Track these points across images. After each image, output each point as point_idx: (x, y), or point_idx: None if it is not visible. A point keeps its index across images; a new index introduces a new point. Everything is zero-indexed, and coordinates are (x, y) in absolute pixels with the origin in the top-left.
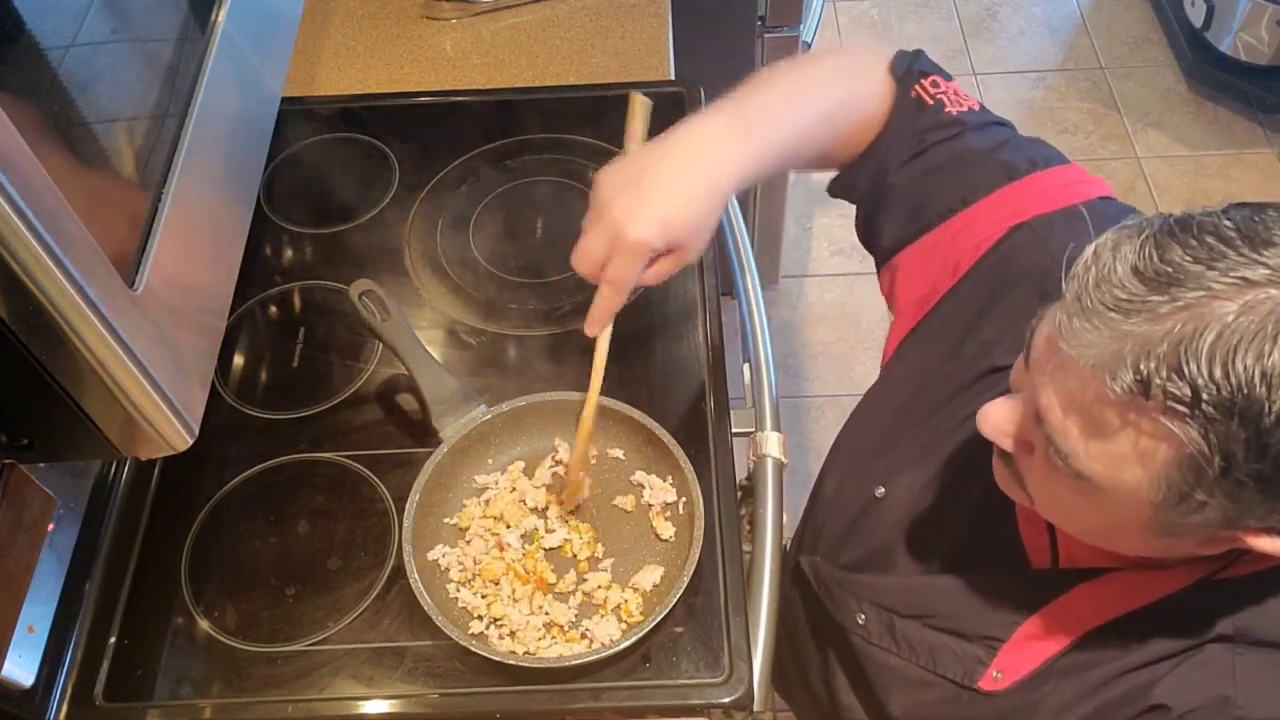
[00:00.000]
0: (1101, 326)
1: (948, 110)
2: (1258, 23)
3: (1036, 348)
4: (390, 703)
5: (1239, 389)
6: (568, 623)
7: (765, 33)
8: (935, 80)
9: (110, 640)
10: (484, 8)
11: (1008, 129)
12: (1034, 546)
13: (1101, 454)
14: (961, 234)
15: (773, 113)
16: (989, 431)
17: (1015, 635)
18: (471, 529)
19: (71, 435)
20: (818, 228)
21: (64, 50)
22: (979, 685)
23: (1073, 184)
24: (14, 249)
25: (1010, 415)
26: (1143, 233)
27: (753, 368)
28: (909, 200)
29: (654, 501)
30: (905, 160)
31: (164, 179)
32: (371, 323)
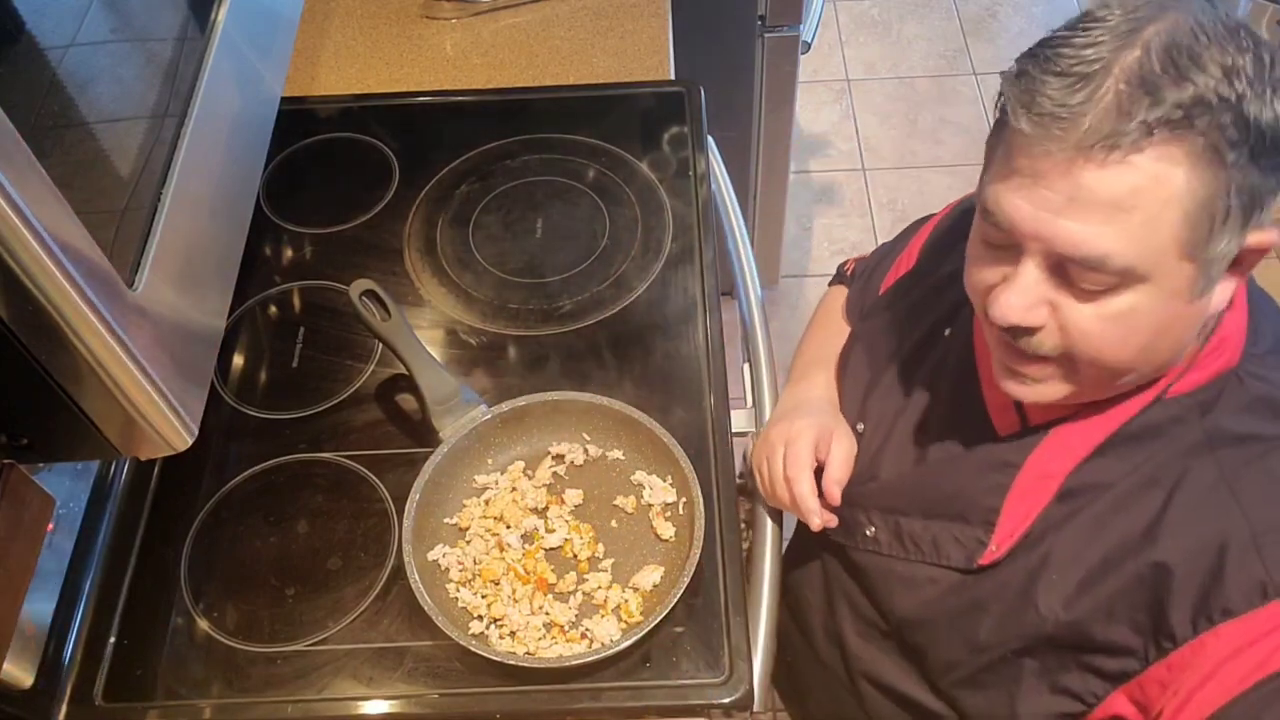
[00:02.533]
0: (1074, 114)
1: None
2: (1258, 23)
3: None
4: (390, 703)
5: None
6: (568, 623)
7: (765, 33)
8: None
9: (110, 640)
10: (484, 8)
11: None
12: (1002, 420)
13: (1133, 228)
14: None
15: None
16: (1017, 316)
17: (1008, 500)
18: (471, 529)
19: (71, 435)
20: (818, 228)
21: (64, 50)
22: (979, 564)
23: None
24: (14, 249)
25: (1022, 289)
26: (1049, 39)
27: (753, 368)
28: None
29: (654, 501)
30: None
31: (164, 179)
32: (371, 323)
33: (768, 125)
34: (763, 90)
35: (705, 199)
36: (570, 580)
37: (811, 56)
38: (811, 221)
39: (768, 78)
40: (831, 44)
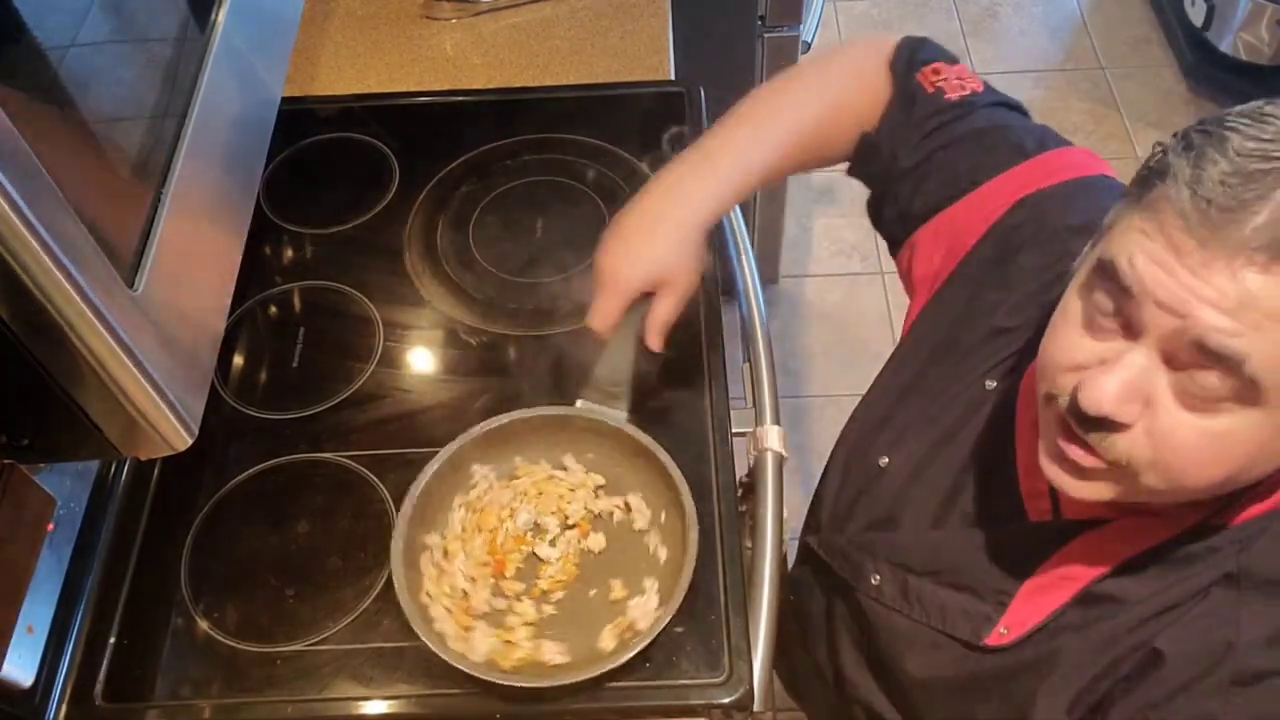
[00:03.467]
0: (1250, 200)
1: (948, 96)
2: (1258, 23)
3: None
4: (390, 703)
5: None
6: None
7: (765, 33)
8: (936, 68)
9: (110, 640)
10: (484, 8)
11: (1015, 112)
12: (1034, 506)
13: (1273, 341)
14: (969, 211)
15: (743, 139)
16: (1110, 408)
17: (1023, 589)
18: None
19: (71, 435)
20: (818, 228)
21: (64, 50)
22: (986, 642)
23: (1079, 162)
24: (14, 249)
25: (1126, 379)
26: (1226, 116)
27: (753, 368)
28: (919, 184)
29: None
30: (912, 146)
31: (164, 179)
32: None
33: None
34: None
35: None
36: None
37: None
38: (811, 221)
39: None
40: (831, 44)
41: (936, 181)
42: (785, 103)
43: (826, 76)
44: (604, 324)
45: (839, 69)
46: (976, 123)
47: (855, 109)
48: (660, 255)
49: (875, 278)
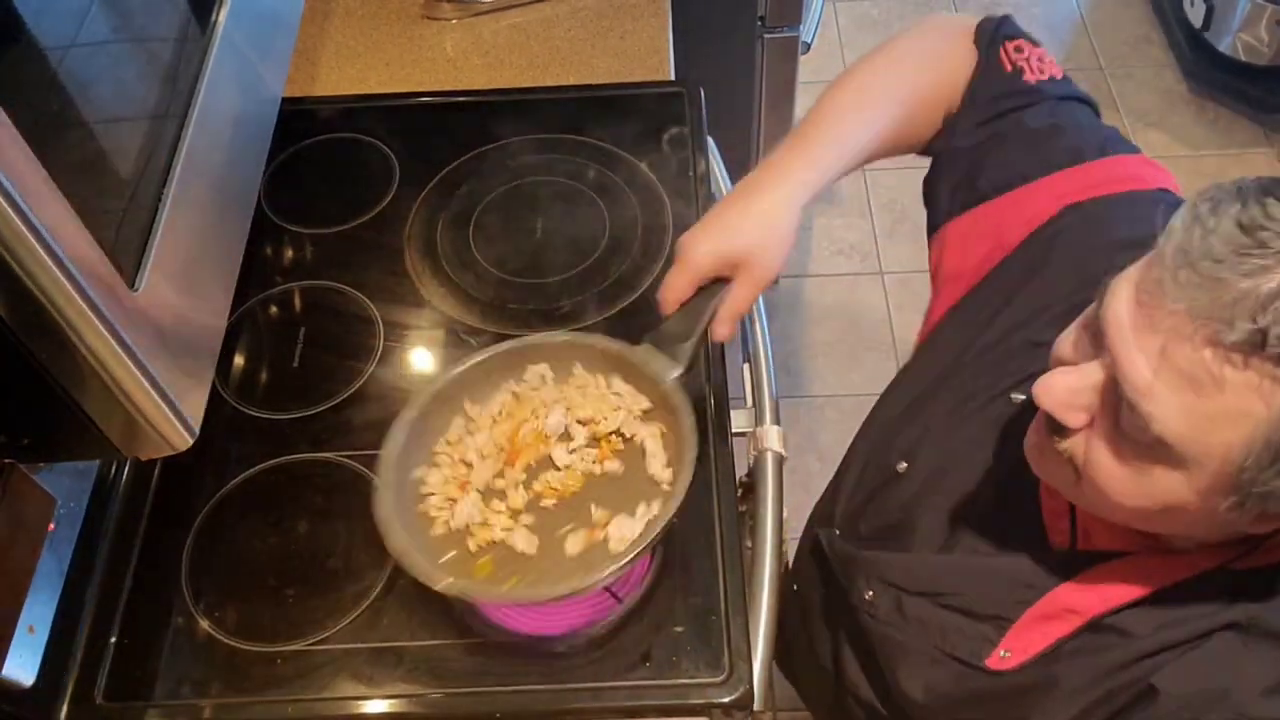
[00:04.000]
0: (1209, 278)
1: (1026, 78)
2: (1257, 23)
3: (1113, 310)
4: (390, 703)
5: None
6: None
7: (765, 33)
8: (1019, 45)
9: (110, 640)
10: (484, 8)
11: (1085, 107)
12: (1054, 525)
13: (1192, 413)
14: (1014, 209)
15: (836, 122)
16: (1051, 404)
17: (1025, 615)
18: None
19: (71, 435)
20: (818, 228)
21: (64, 50)
22: (986, 664)
23: (1136, 173)
24: (14, 249)
25: (1075, 386)
26: (1241, 191)
27: (753, 367)
28: (971, 166)
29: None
30: (975, 125)
31: (164, 179)
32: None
33: (768, 126)
34: (763, 91)
35: (705, 199)
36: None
37: (811, 57)
38: (811, 221)
39: (768, 78)
40: (831, 44)
41: (990, 169)
42: (876, 87)
43: (914, 59)
44: (668, 298)
45: (925, 50)
46: (1042, 116)
47: (942, 91)
48: (742, 236)
49: (875, 278)
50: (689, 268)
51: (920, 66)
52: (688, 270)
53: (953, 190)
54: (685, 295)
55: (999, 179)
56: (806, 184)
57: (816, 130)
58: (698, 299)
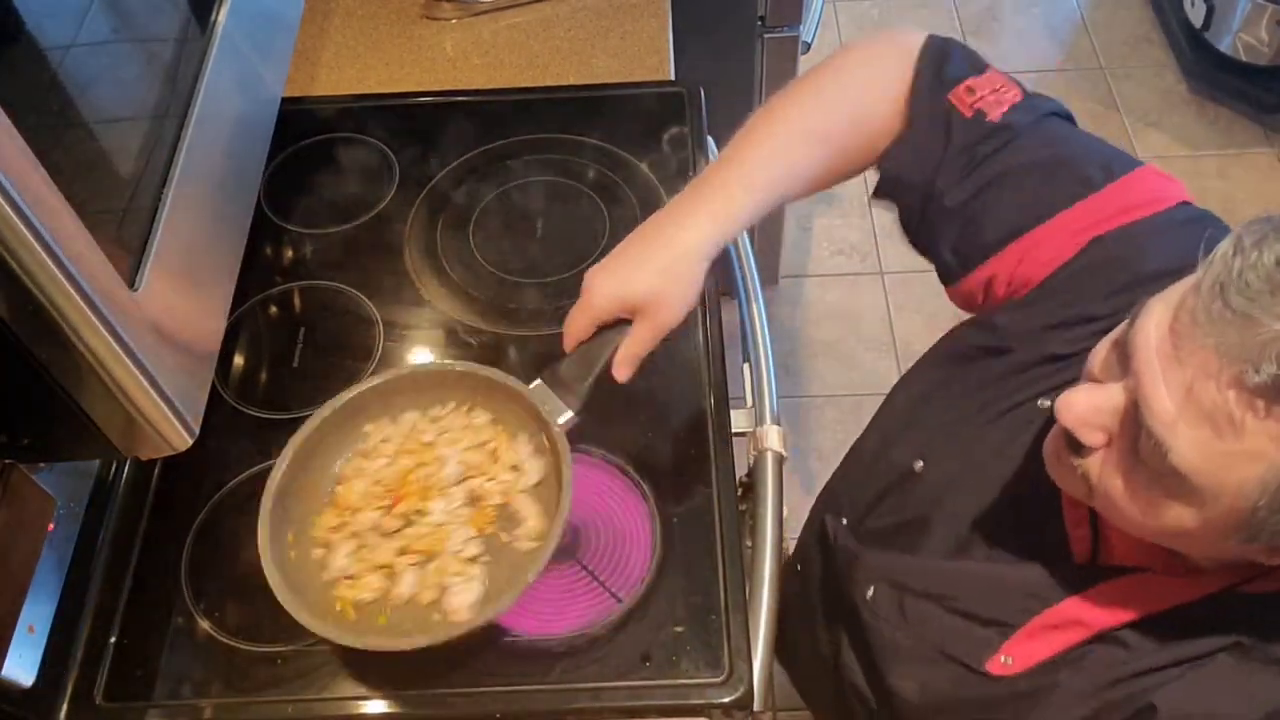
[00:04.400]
0: (1242, 316)
1: (989, 117)
2: (1257, 23)
3: (1144, 334)
4: (390, 703)
5: None
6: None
7: (765, 33)
8: (970, 86)
9: (110, 640)
10: (484, 8)
11: (1062, 120)
12: (1075, 535)
13: (1210, 450)
14: (1032, 254)
15: (753, 158)
16: (1071, 422)
17: (1031, 623)
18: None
19: (71, 435)
20: (818, 228)
21: (64, 50)
22: (986, 668)
23: (1153, 193)
24: (14, 249)
25: (1098, 405)
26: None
27: (753, 367)
28: (968, 223)
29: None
30: (958, 180)
31: (164, 179)
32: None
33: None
34: (763, 91)
35: None
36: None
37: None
38: (811, 221)
39: (768, 78)
40: (831, 44)
41: (994, 219)
42: (797, 117)
43: (841, 86)
44: (568, 336)
45: (855, 77)
46: (1029, 150)
47: (875, 123)
48: (642, 281)
49: (875, 278)
50: (589, 309)
51: (851, 101)
52: (588, 312)
53: (956, 250)
54: (585, 335)
55: (1008, 225)
56: (719, 228)
57: (736, 170)
58: (597, 339)
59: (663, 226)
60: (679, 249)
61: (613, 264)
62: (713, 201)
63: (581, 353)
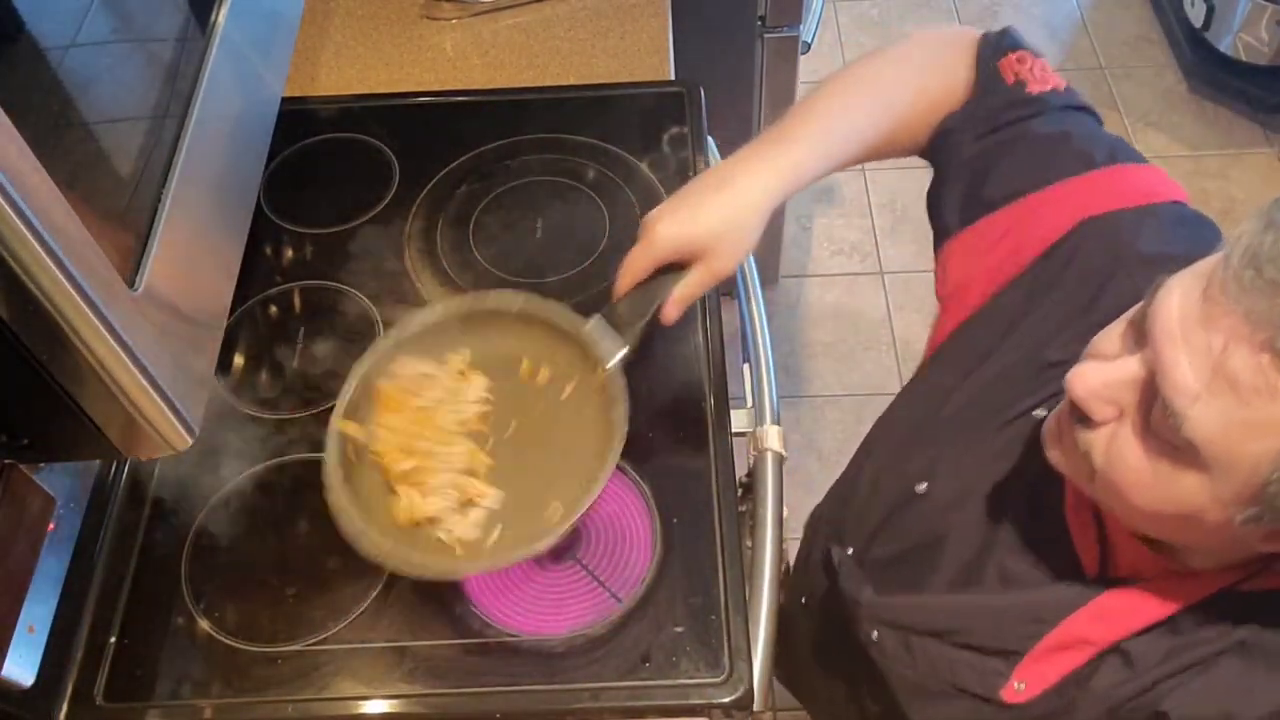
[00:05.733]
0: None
1: (1029, 89)
2: (1258, 23)
3: (1165, 308)
4: (390, 703)
5: None
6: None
7: (765, 33)
8: (1021, 56)
9: (110, 640)
10: (484, 8)
11: (1090, 116)
12: (1081, 542)
13: (1229, 419)
14: (1028, 220)
15: (821, 121)
16: (1083, 393)
17: (1038, 647)
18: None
19: (71, 435)
20: (818, 228)
21: (64, 50)
22: (1001, 696)
23: (1149, 184)
24: (14, 249)
25: (1110, 379)
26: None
27: (753, 368)
28: (976, 175)
29: None
30: (979, 135)
31: (164, 179)
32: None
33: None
34: (763, 90)
35: None
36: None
37: (811, 56)
38: (811, 221)
39: (768, 78)
40: (831, 44)
41: (997, 177)
42: (866, 88)
43: (909, 63)
44: (626, 275)
45: (922, 55)
46: (1048, 124)
47: (935, 96)
48: (705, 224)
49: (875, 278)
50: (651, 249)
51: (916, 73)
52: (650, 251)
53: (959, 202)
54: (645, 275)
55: (1007, 187)
56: (783, 180)
57: (802, 126)
58: (651, 282)
59: (728, 175)
60: (744, 198)
61: (677, 207)
62: (779, 156)
63: (638, 294)
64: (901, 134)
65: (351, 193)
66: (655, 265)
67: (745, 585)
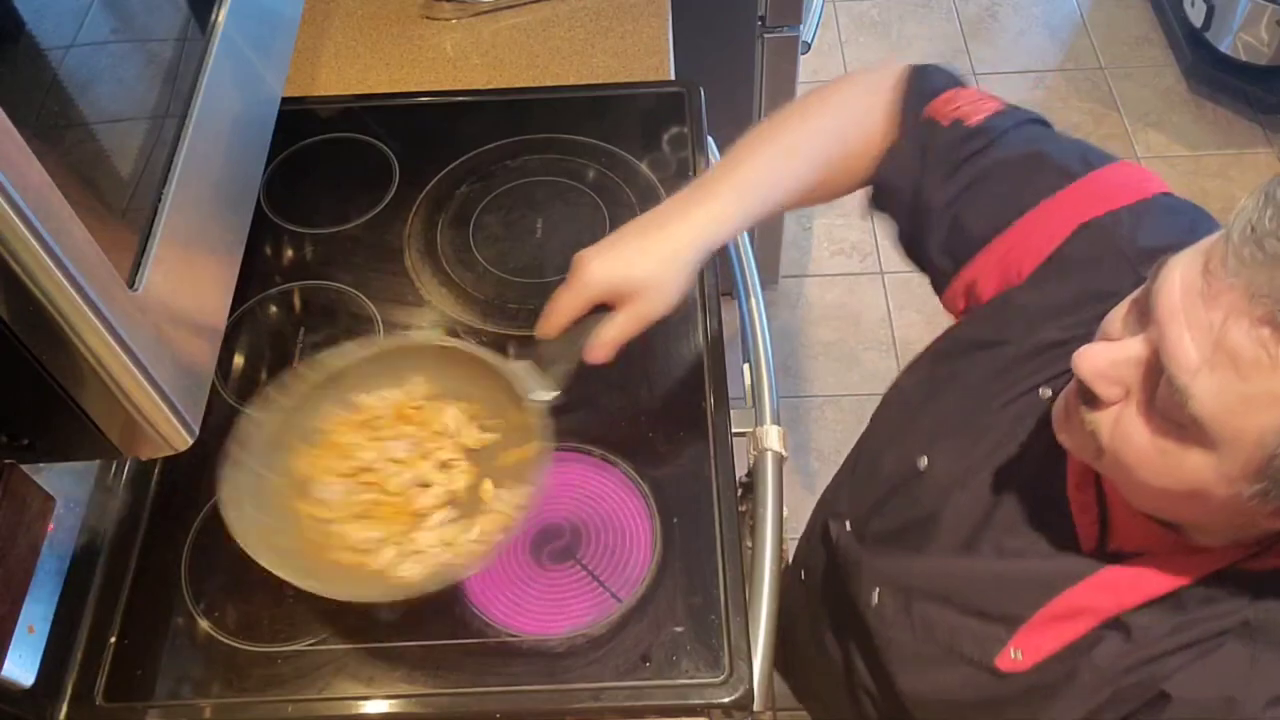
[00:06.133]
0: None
1: (968, 123)
2: (1258, 23)
3: (1167, 285)
4: (390, 703)
5: None
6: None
7: (765, 33)
8: (947, 97)
9: (110, 640)
10: (484, 8)
11: (1042, 126)
12: (1082, 520)
13: (1232, 394)
14: (1023, 241)
15: (748, 169)
16: (1089, 372)
17: (1037, 615)
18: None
19: (71, 435)
20: (818, 228)
21: (64, 50)
22: (996, 664)
23: (1134, 181)
24: (14, 249)
25: (1116, 357)
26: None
27: (753, 367)
28: (955, 220)
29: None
30: (942, 182)
31: (164, 179)
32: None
33: None
34: (763, 90)
35: None
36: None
37: (811, 57)
38: (811, 221)
39: (768, 78)
40: (831, 44)
41: (980, 214)
42: (791, 136)
43: (833, 110)
44: (557, 315)
45: (846, 102)
46: (1010, 147)
47: (863, 143)
48: (636, 267)
49: (875, 278)
50: (578, 289)
51: (833, 121)
52: (577, 292)
53: (945, 248)
54: (576, 316)
55: (994, 219)
56: (712, 228)
57: (725, 179)
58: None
59: (664, 220)
60: (678, 243)
61: (612, 248)
62: (700, 209)
63: (568, 337)
64: (826, 185)
65: (351, 193)
66: (588, 306)
67: (745, 585)
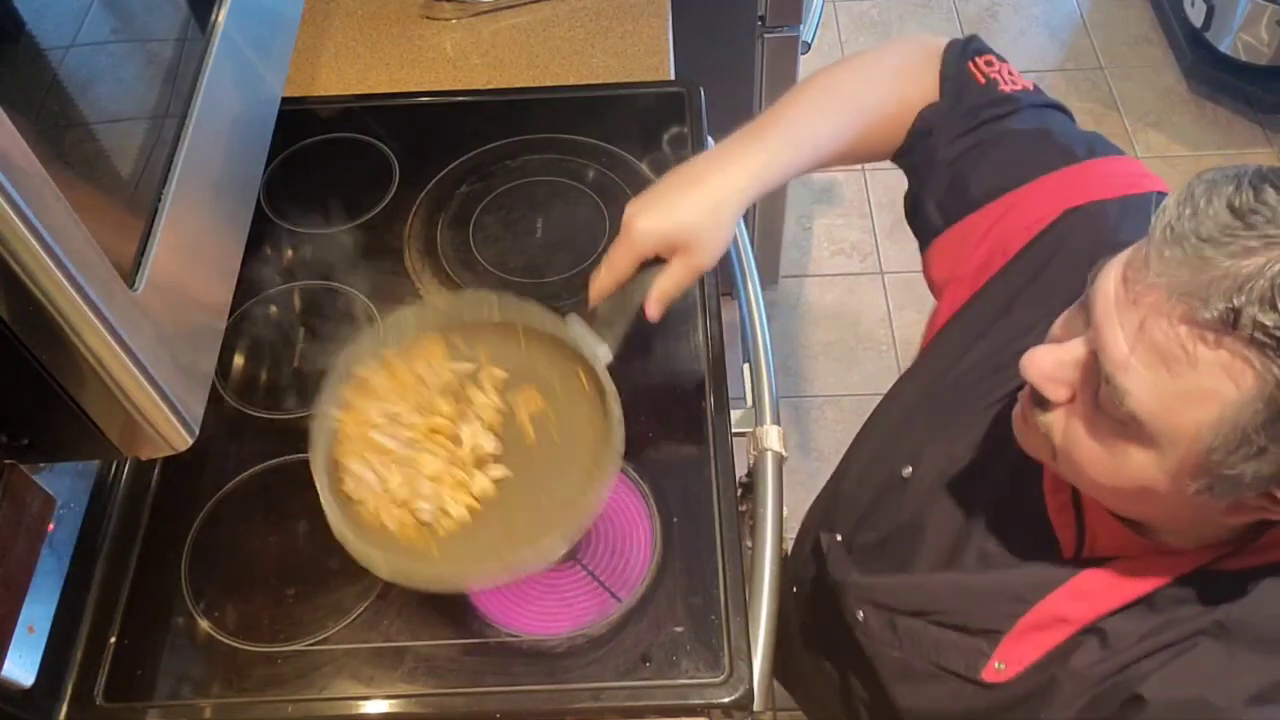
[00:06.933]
0: (1194, 256)
1: (1002, 88)
2: (1258, 23)
3: (1101, 287)
4: (390, 703)
5: None
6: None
7: (765, 33)
8: (989, 59)
9: (110, 640)
10: (484, 8)
11: (1063, 114)
12: (1060, 524)
13: (1164, 391)
14: (1011, 214)
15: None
16: (1035, 375)
17: (1016, 627)
18: None
19: (71, 435)
20: (818, 228)
21: (64, 50)
22: (982, 677)
23: (1131, 175)
24: (14, 249)
25: (1060, 359)
26: (1238, 176)
27: (753, 368)
28: (957, 176)
29: None
30: (956, 136)
31: (164, 179)
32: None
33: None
34: (763, 90)
35: None
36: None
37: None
38: (811, 221)
39: (768, 78)
40: (831, 44)
41: (979, 176)
42: (839, 91)
43: (880, 67)
44: (610, 273)
45: (892, 61)
46: (1025, 120)
47: (907, 100)
48: (685, 217)
49: (875, 278)
50: (633, 244)
51: (886, 79)
52: (632, 247)
53: (941, 202)
54: (629, 272)
55: (990, 184)
56: (757, 176)
57: (775, 126)
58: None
59: (705, 170)
60: (721, 192)
61: (655, 200)
62: (750, 156)
63: (618, 294)
64: (873, 137)
65: (351, 193)
66: (639, 261)
67: (745, 585)
